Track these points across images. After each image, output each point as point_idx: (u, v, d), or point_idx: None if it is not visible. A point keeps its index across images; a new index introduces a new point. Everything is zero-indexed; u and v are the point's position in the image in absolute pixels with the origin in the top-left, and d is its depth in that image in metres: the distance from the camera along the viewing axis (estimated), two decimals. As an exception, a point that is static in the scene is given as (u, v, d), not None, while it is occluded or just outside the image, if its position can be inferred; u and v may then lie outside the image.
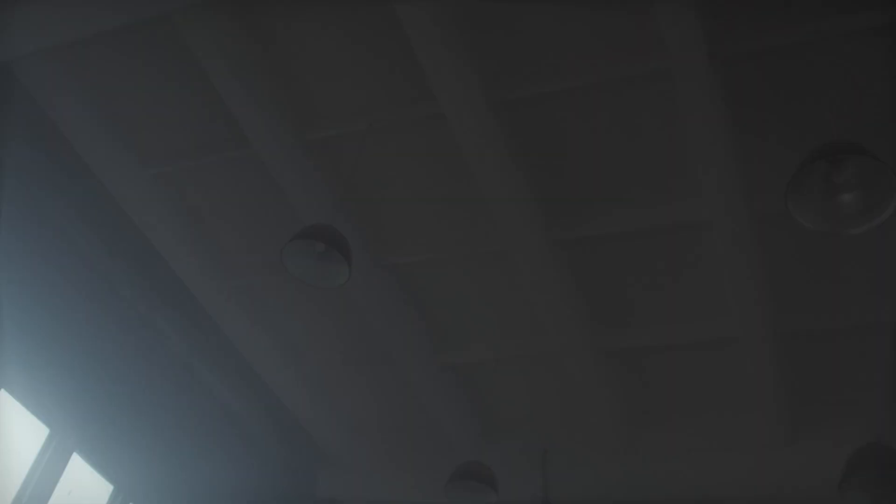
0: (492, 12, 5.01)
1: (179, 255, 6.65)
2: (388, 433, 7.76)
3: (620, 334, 6.49)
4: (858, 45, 4.64)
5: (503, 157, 5.49)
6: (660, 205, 5.66)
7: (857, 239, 4.13)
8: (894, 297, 5.62)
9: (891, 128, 4.72)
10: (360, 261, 5.74)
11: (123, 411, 6.87)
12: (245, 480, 7.50)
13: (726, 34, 4.74)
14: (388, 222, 6.26)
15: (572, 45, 5.07)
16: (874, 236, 4.08)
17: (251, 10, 5.31)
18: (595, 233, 5.89)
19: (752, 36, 4.76)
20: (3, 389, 6.26)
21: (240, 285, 6.85)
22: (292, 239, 4.85)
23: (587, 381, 6.78)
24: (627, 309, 6.39)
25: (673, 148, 5.36)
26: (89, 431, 6.74)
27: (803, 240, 5.39)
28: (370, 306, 6.61)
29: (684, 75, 4.83)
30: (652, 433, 7.06)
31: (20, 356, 6.22)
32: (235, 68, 5.45)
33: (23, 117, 5.73)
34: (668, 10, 4.56)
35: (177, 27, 5.28)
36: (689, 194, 5.54)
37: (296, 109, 5.71)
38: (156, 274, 6.72)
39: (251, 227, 6.45)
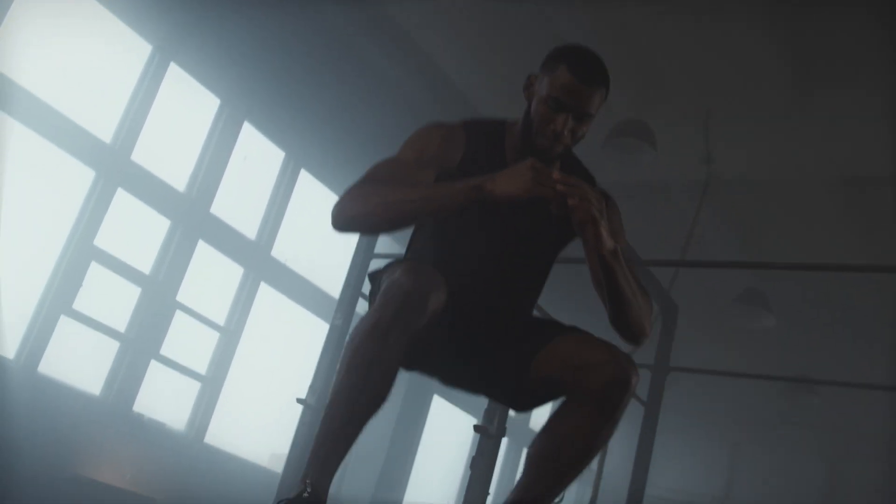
0: None
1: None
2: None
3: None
4: None
5: None
6: None
7: None
8: None
9: None
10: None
11: (289, 80, 7.04)
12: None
13: None
14: None
15: None
16: None
17: None
18: None
19: None
20: (172, 62, 6.51)
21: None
22: None
23: (753, 40, 6.45)
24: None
25: None
26: (258, 100, 6.99)
27: None
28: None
29: None
30: (821, 94, 6.74)
31: (188, 28, 6.40)
32: None
33: None
34: None
35: None
36: None
37: None
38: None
39: None
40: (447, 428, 8.91)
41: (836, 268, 6.15)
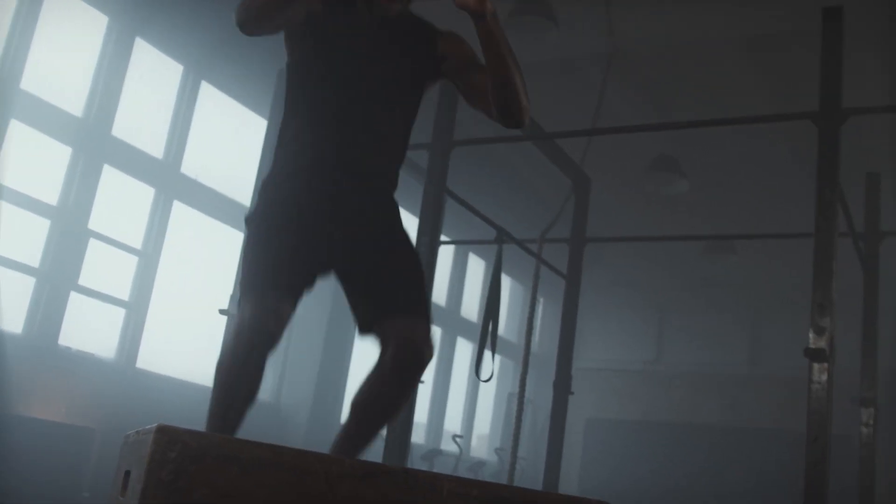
0: None
1: None
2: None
3: None
4: None
5: None
6: None
7: None
8: None
9: None
10: None
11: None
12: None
13: None
14: None
15: None
16: None
17: None
18: None
19: None
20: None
21: None
22: None
23: None
24: None
25: None
26: (149, 14, 6.72)
27: None
28: None
29: None
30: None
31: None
32: None
33: None
34: None
35: None
36: None
37: None
38: None
39: None
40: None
41: (742, 121, 6.23)
